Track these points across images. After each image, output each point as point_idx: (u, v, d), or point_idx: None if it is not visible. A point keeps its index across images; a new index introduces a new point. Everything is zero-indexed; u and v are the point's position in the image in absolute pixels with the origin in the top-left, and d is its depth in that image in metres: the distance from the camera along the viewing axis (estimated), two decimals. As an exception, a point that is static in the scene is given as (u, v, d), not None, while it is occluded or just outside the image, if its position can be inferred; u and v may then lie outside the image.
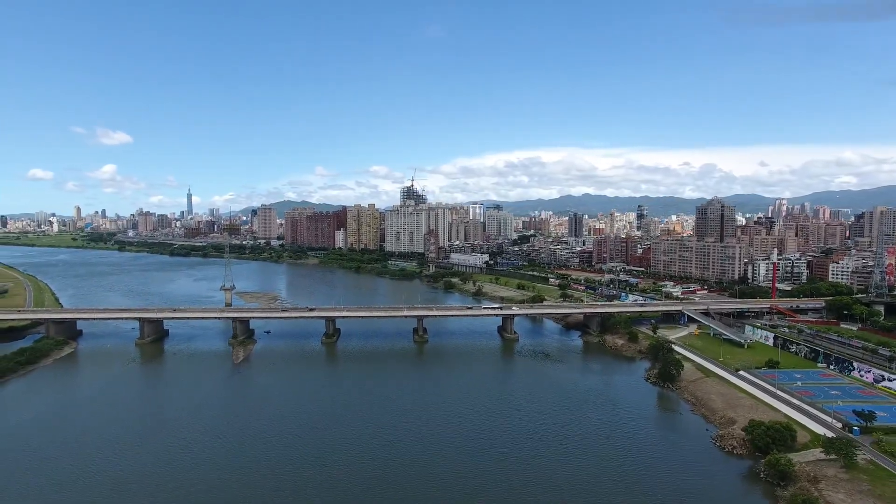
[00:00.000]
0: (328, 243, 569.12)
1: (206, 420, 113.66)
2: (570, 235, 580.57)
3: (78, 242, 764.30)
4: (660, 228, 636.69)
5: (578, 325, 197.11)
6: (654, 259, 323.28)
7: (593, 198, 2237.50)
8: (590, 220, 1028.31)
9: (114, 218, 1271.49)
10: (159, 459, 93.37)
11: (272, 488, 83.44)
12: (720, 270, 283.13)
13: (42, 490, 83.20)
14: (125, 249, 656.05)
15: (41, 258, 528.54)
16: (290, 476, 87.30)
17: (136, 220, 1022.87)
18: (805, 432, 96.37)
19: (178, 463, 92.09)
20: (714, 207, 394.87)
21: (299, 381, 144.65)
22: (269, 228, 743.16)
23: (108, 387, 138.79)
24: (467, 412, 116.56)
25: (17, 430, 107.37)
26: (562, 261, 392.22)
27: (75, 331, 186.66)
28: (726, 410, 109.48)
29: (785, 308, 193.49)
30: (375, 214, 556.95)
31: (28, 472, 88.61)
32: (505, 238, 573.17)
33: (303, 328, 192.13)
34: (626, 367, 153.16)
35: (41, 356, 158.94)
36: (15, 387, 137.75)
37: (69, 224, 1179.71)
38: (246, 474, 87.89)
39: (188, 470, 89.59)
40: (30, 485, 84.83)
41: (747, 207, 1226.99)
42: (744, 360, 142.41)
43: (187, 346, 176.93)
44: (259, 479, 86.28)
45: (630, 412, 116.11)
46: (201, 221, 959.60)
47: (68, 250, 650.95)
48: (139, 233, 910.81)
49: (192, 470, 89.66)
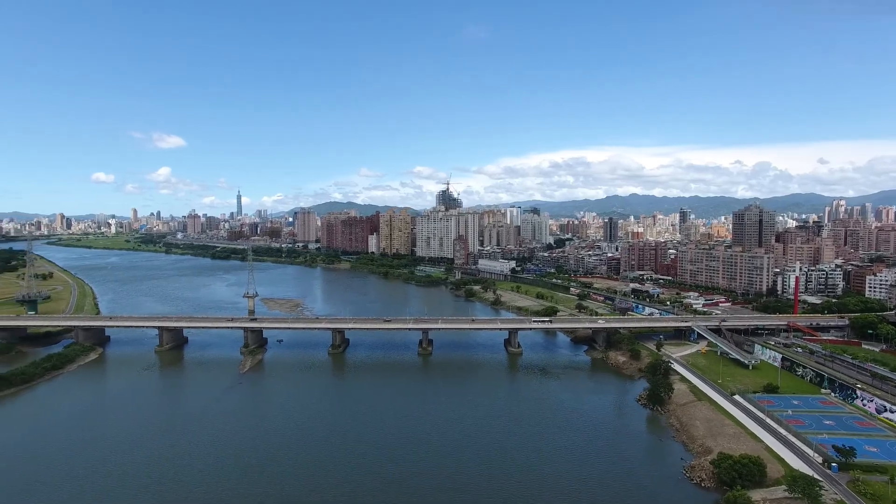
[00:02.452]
0: (362, 247, 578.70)
1: (192, 431, 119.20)
2: (605, 240, 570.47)
3: (130, 245, 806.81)
4: (699, 232, 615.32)
5: (587, 340, 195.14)
6: (681, 268, 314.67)
7: (640, 198, 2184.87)
8: (634, 221, 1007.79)
9: (167, 219, 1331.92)
10: (145, 469, 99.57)
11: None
12: (747, 281, 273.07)
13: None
14: (171, 252, 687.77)
15: (94, 260, 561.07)
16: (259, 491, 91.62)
17: (185, 222, 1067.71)
18: (781, 466, 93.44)
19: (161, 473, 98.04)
20: (752, 212, 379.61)
21: (296, 392, 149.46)
22: (308, 231, 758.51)
23: (119, 394, 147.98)
24: (448, 428, 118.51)
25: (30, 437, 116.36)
26: (590, 268, 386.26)
27: (103, 337, 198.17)
28: (706, 438, 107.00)
29: (803, 325, 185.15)
30: (407, 219, 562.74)
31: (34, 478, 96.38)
32: (539, 242, 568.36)
33: (314, 337, 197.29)
34: (621, 387, 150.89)
35: (67, 362, 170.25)
36: (41, 391, 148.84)
37: (125, 226, 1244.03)
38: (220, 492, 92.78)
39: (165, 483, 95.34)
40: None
41: (804, 208, 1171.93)
42: (744, 383, 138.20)
43: (202, 354, 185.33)
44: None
45: (610, 436, 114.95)
46: (245, 224, 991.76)
47: (120, 252, 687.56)
48: (187, 235, 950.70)
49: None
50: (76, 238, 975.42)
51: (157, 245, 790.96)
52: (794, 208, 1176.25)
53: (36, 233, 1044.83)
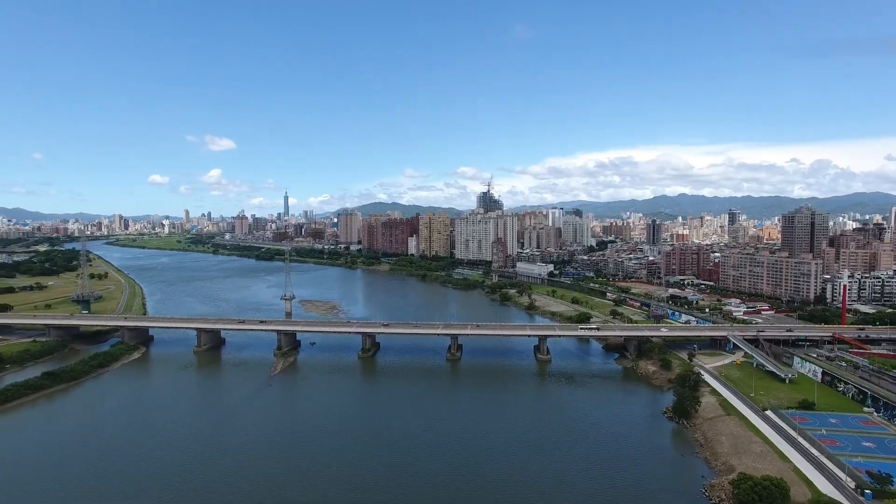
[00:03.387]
0: (402, 249, 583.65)
1: (214, 433, 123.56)
2: (648, 243, 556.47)
3: (181, 245, 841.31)
4: (748, 235, 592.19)
5: (619, 348, 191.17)
6: (723, 273, 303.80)
7: (689, 198, 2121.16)
8: (681, 222, 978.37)
9: (217, 220, 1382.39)
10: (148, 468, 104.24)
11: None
12: (793, 288, 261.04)
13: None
14: (218, 252, 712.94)
15: (146, 260, 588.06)
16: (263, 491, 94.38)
17: (234, 223, 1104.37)
18: (808, 489, 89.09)
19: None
20: (803, 214, 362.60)
21: (320, 395, 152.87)
22: (350, 233, 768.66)
23: (154, 393, 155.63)
24: (467, 437, 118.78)
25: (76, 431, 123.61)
26: (629, 272, 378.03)
27: (147, 337, 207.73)
28: (730, 456, 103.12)
29: (850, 337, 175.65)
30: (446, 221, 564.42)
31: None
32: (580, 245, 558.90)
33: (346, 341, 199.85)
34: (649, 398, 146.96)
35: (112, 360, 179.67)
36: (87, 387, 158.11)
37: (178, 226, 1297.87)
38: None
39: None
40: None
41: (868, 208, 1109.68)
42: (778, 398, 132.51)
43: (238, 355, 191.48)
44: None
45: (631, 450, 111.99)
46: (289, 225, 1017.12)
47: (171, 253, 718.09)
48: (235, 235, 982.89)
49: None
50: (132, 238, 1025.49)
51: (205, 246, 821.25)
52: (857, 208, 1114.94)
53: (97, 233, 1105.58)
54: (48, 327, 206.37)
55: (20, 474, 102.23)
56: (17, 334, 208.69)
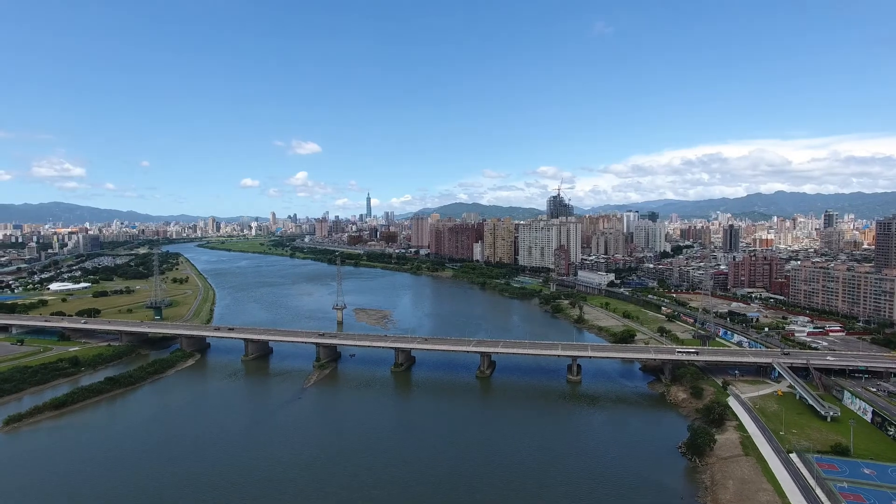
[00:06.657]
0: (467, 255, 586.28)
1: (230, 446, 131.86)
2: (724, 249, 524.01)
3: (263, 248, 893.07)
4: (844, 240, 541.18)
5: (656, 370, 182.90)
6: (794, 287, 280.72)
7: (787, 196, 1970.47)
8: (774, 222, 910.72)
9: (302, 221, 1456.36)
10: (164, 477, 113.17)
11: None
12: (873, 308, 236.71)
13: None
14: (295, 256, 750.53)
15: (227, 264, 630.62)
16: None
17: (314, 225, 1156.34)
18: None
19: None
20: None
21: (344, 410, 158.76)
22: (421, 236, 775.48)
23: (187, 403, 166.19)
24: (480, 460, 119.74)
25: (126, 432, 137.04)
26: (695, 282, 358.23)
27: (204, 344, 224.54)
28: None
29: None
30: (510, 228, 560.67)
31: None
32: (653, 251, 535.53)
33: (384, 354, 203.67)
34: (671, 429, 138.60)
35: (168, 367, 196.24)
36: (144, 392, 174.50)
37: (264, 228, 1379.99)
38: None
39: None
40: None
41: None
42: (812, 438, 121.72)
43: (281, 365, 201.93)
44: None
45: (630, 490, 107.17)
46: (364, 229, 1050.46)
47: (252, 256, 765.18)
48: (314, 238, 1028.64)
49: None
50: (221, 241, 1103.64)
51: (284, 248, 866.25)
52: None
53: (192, 235, 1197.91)
54: (121, 333, 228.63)
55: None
56: (98, 337, 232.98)
